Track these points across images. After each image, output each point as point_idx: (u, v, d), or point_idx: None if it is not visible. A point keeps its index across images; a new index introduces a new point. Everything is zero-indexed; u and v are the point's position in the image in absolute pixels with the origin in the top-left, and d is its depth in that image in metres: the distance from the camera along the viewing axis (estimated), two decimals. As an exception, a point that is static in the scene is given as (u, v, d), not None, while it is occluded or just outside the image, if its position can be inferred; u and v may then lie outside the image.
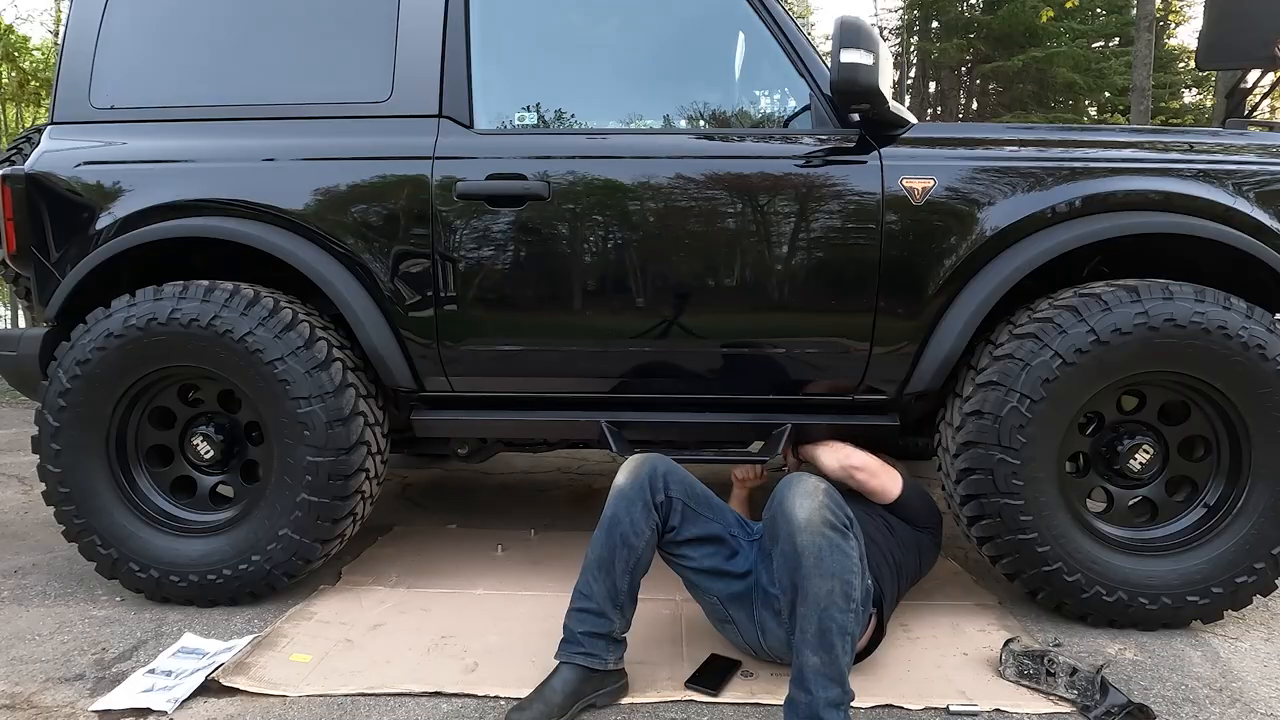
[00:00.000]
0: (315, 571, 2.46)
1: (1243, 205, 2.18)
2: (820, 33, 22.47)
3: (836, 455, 2.18)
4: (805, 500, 1.68)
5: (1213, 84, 12.12)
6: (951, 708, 1.78)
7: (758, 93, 2.56)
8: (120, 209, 2.36)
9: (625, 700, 1.81)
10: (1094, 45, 15.18)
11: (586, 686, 1.77)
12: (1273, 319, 2.09)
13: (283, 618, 2.24)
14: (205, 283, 2.27)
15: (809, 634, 1.58)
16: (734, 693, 1.85)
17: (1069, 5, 14.24)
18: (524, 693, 1.82)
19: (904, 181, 2.19)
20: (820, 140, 2.24)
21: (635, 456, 1.96)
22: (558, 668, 1.79)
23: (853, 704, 1.60)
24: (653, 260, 2.27)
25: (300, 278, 2.31)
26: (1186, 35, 17.62)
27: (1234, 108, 2.79)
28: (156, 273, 2.43)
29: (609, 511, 1.85)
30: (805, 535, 1.62)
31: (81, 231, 2.38)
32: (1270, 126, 2.40)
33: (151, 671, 1.94)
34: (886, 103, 2.13)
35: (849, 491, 2.11)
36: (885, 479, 2.13)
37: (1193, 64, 11.00)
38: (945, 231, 2.19)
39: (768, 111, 2.50)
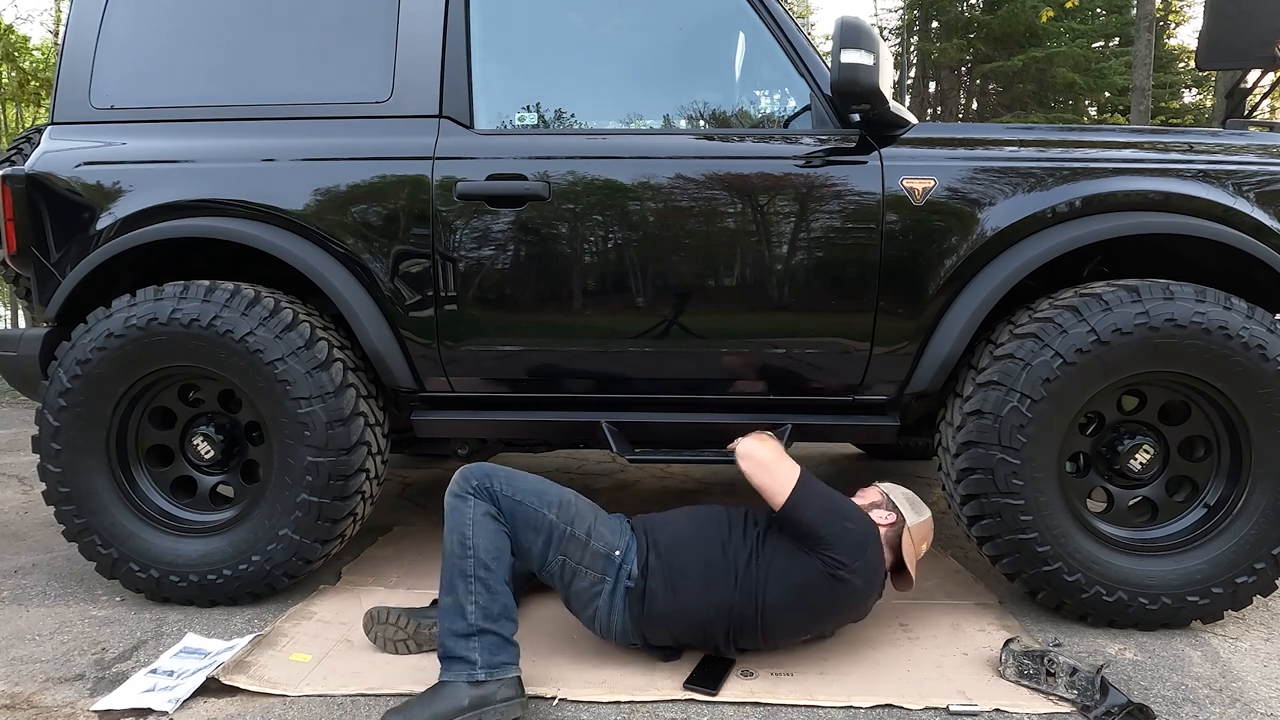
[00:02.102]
0: (315, 571, 2.46)
1: (1243, 205, 2.18)
2: (820, 33, 22.47)
3: (741, 442, 2.00)
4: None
5: (1213, 84, 12.12)
6: (951, 708, 1.78)
7: (758, 93, 2.56)
8: (120, 209, 2.36)
9: (625, 699, 1.81)
10: (1094, 45, 15.16)
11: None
12: (1273, 319, 2.09)
13: (283, 617, 2.24)
14: (206, 283, 2.27)
15: (442, 580, 1.79)
16: (732, 692, 1.85)
17: (1069, 5, 14.22)
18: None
19: (904, 182, 2.19)
20: (820, 140, 2.24)
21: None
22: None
23: (851, 703, 1.60)
24: (653, 260, 2.27)
25: (300, 278, 2.31)
26: (1186, 35, 17.62)
27: (1234, 108, 2.79)
28: (157, 273, 2.43)
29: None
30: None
31: (82, 232, 2.38)
32: (1270, 126, 2.40)
33: (154, 671, 1.95)
34: (887, 103, 2.13)
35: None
36: (770, 477, 1.89)
37: (1193, 64, 11.00)
38: (945, 232, 2.19)
39: (768, 111, 2.50)
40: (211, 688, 1.87)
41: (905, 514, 2.01)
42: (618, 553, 1.89)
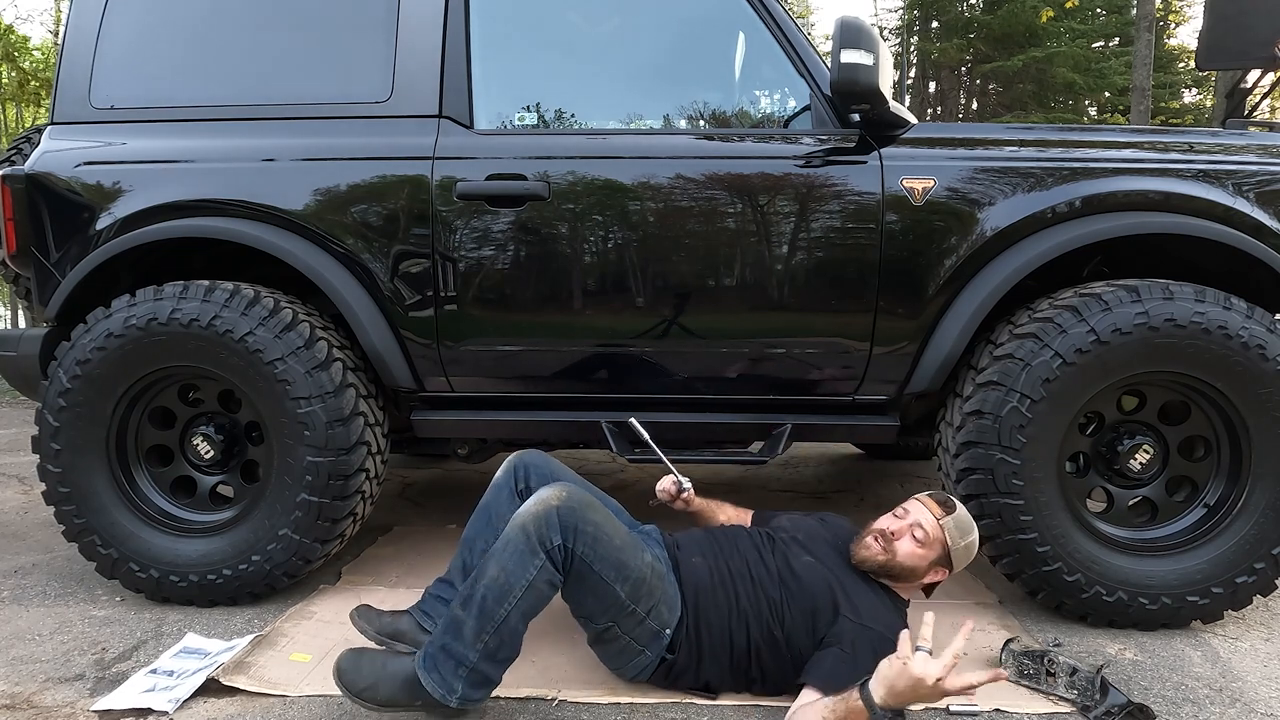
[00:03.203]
0: (315, 571, 2.46)
1: (1243, 205, 2.18)
2: (820, 33, 22.47)
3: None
4: (532, 503, 1.71)
5: (1213, 84, 12.12)
6: (951, 708, 1.78)
7: (758, 93, 2.56)
8: (120, 209, 2.36)
9: (625, 700, 1.81)
10: (1094, 45, 15.16)
11: (416, 637, 1.88)
12: (1273, 319, 2.08)
13: (283, 617, 2.24)
14: (205, 283, 2.27)
15: (464, 592, 1.66)
16: (733, 694, 1.85)
17: (1069, 5, 14.22)
18: (523, 691, 1.84)
19: (904, 182, 2.19)
20: (820, 140, 2.24)
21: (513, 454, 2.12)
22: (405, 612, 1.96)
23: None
24: (653, 260, 2.27)
25: (300, 278, 2.31)
26: (1186, 35, 17.61)
27: (1234, 108, 2.79)
28: (157, 273, 2.43)
29: (483, 499, 2.06)
30: (512, 524, 1.69)
31: (81, 232, 2.38)
32: (1270, 126, 2.40)
33: (154, 671, 1.94)
34: (886, 103, 2.13)
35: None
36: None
37: (1193, 64, 11.00)
38: (945, 232, 2.19)
39: (768, 111, 2.50)
40: (211, 688, 1.86)
41: (956, 562, 1.86)
42: (668, 631, 1.78)
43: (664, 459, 2.16)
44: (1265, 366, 2.05)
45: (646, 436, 2.16)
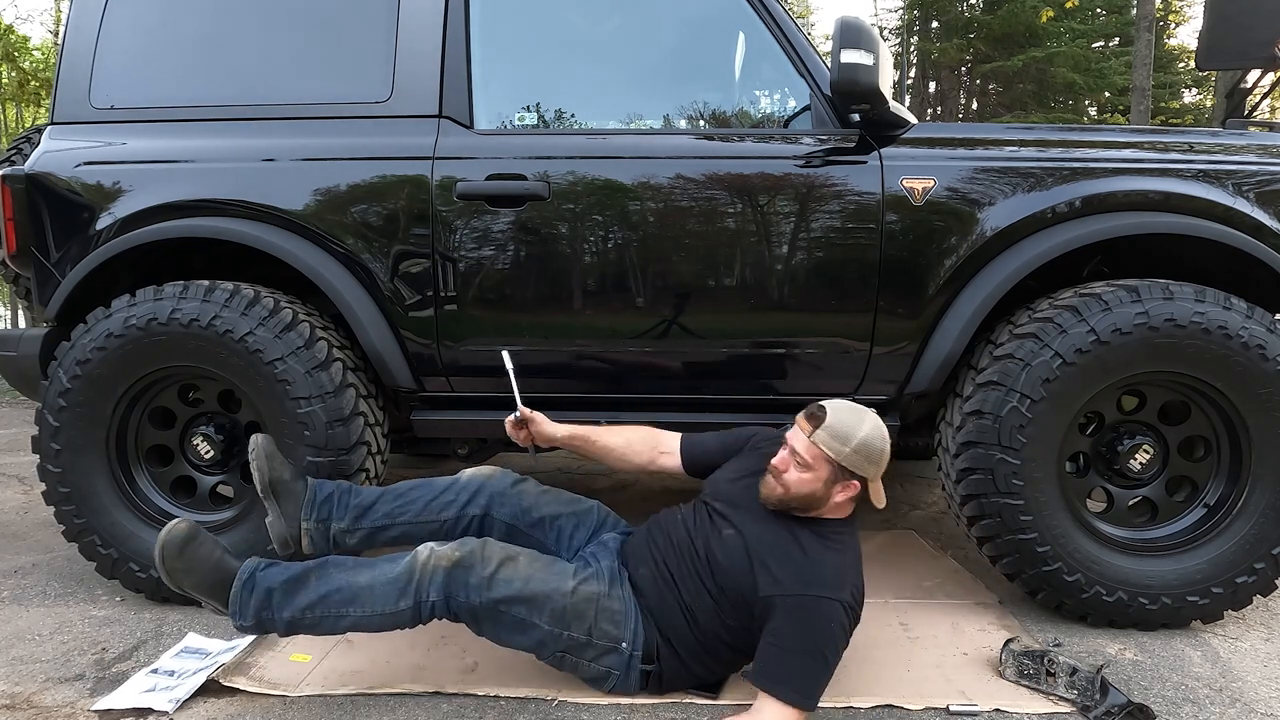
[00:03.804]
0: (315, 571, 2.46)
1: (1243, 205, 2.18)
2: (820, 33, 22.48)
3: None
4: (436, 553, 1.75)
5: (1213, 84, 12.12)
6: (951, 708, 1.78)
7: (758, 93, 2.56)
8: (120, 209, 2.36)
9: (625, 701, 1.81)
10: (1094, 45, 15.17)
11: (289, 500, 1.93)
12: (1273, 319, 2.08)
13: (283, 618, 2.24)
14: (205, 283, 2.27)
15: (334, 562, 1.78)
16: (733, 694, 1.85)
17: (1069, 5, 14.24)
18: (523, 692, 1.83)
19: (904, 182, 2.19)
20: (820, 140, 2.24)
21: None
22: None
23: (851, 704, 1.58)
24: (653, 261, 2.27)
25: (300, 278, 2.31)
26: (1186, 35, 17.63)
27: (1234, 108, 2.79)
28: (157, 273, 2.43)
29: (440, 482, 2.04)
30: (415, 556, 1.76)
31: (81, 232, 2.38)
32: (1270, 126, 2.40)
33: (155, 671, 1.95)
34: (886, 103, 2.13)
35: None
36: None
37: (1193, 64, 11.00)
38: (945, 232, 2.19)
39: (768, 111, 2.50)
40: (212, 688, 1.86)
41: (856, 469, 1.74)
42: (624, 645, 1.75)
43: (515, 393, 2.09)
44: (1265, 366, 2.05)
45: (510, 367, 2.11)
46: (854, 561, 1.77)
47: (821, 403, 1.79)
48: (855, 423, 1.75)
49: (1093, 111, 15.90)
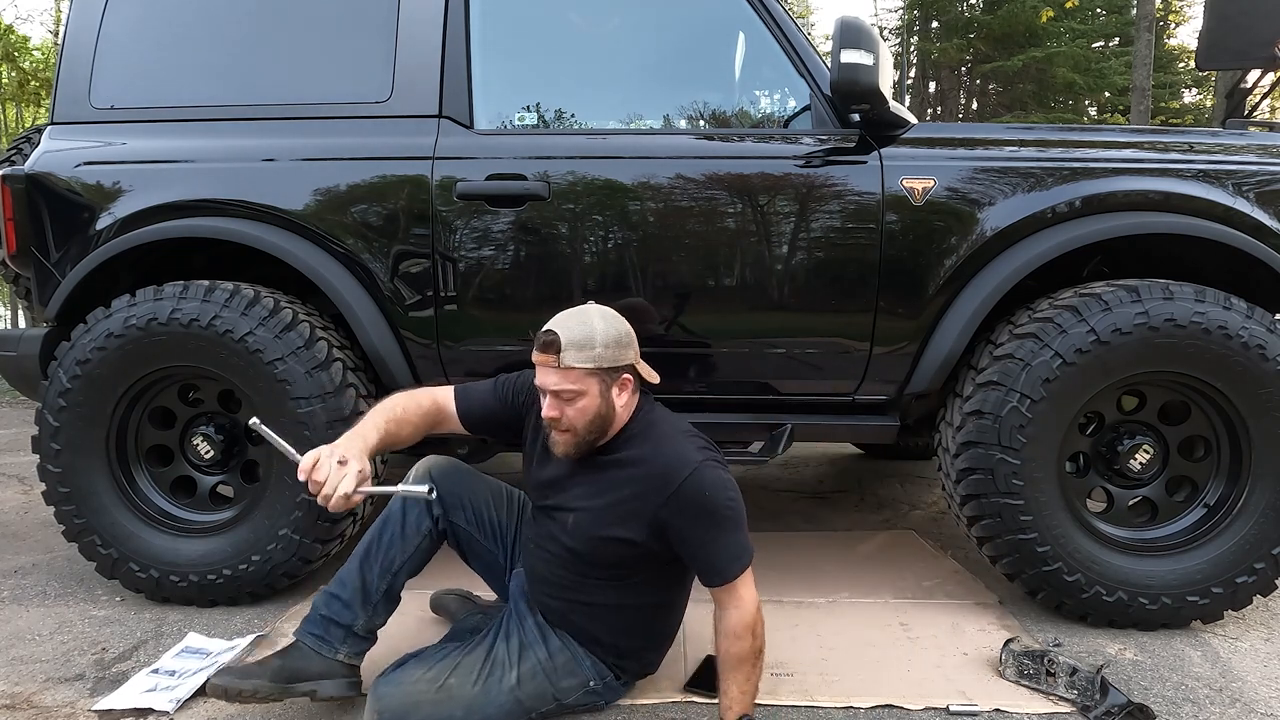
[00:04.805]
0: (315, 571, 2.46)
1: (1243, 205, 2.18)
2: (820, 33, 22.48)
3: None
4: (379, 694, 1.62)
5: (1213, 84, 12.12)
6: (951, 708, 1.78)
7: (758, 93, 2.56)
8: (120, 209, 2.36)
9: (625, 701, 1.81)
10: (1094, 45, 15.18)
11: (312, 669, 1.70)
12: (1273, 319, 2.08)
13: (283, 617, 2.25)
14: (205, 283, 2.27)
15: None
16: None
17: (1069, 5, 14.25)
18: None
19: (904, 181, 2.19)
20: (820, 140, 2.24)
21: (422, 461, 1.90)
22: (294, 643, 1.75)
23: (851, 704, 1.58)
24: (653, 260, 2.27)
25: (300, 278, 2.31)
26: (1186, 35, 17.64)
27: (1234, 108, 2.79)
28: (157, 273, 2.43)
29: (398, 518, 1.81)
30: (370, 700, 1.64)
31: (81, 232, 2.38)
32: (1270, 126, 2.40)
33: (155, 671, 1.94)
34: (886, 103, 2.13)
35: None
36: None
37: (1193, 64, 11.01)
38: (945, 232, 2.19)
39: (768, 111, 2.50)
40: (211, 688, 1.86)
41: (612, 361, 1.63)
42: (592, 681, 1.72)
43: (287, 450, 1.64)
44: (1265, 367, 2.05)
45: (268, 432, 1.66)
46: (672, 426, 1.70)
47: (542, 330, 1.64)
48: (585, 323, 1.63)
49: (1093, 111, 15.91)
